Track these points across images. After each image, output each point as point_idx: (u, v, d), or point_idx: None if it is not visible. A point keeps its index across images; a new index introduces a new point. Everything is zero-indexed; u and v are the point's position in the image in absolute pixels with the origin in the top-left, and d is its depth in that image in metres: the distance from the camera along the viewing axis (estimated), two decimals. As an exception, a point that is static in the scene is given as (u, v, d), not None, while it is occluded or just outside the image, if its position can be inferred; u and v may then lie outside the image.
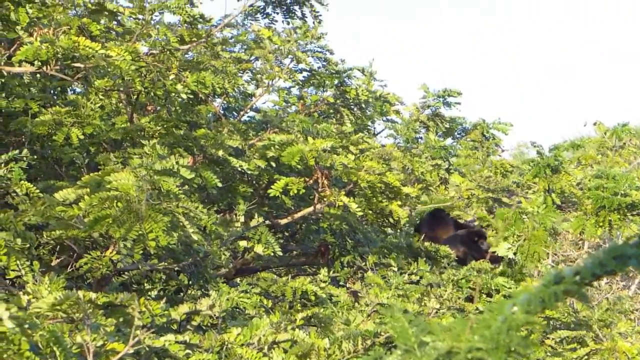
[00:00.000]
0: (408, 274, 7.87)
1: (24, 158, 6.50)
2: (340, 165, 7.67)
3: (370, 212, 8.39)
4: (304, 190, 7.72)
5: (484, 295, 8.42)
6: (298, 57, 8.90)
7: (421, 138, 11.22)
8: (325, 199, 7.93)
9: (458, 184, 9.47)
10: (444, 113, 11.23)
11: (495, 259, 9.70)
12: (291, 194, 7.77)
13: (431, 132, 10.50)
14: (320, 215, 8.70)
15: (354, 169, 7.86)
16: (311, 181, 7.82)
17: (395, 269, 7.98)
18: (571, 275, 2.41)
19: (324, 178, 7.82)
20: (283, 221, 8.60)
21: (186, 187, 5.96)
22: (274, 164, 7.92)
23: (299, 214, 8.54)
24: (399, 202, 8.25)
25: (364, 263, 8.54)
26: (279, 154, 7.66)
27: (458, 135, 11.67)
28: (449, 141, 11.60)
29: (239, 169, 7.74)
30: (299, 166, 7.64)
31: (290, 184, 7.64)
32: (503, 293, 8.60)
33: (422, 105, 11.17)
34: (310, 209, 8.23)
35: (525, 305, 2.40)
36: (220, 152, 7.40)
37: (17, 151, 6.54)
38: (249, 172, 7.79)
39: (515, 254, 9.20)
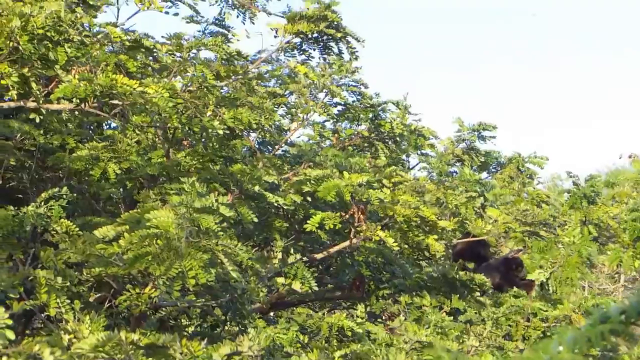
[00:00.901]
0: (445, 311, 7.85)
1: (63, 196, 6.54)
2: (377, 199, 7.64)
3: (407, 246, 8.35)
4: (339, 225, 7.70)
5: (522, 320, 8.39)
6: (333, 91, 8.93)
7: (456, 172, 11.18)
8: (361, 234, 7.90)
9: (495, 219, 9.41)
10: (479, 147, 11.21)
11: (529, 286, 9.67)
12: (327, 228, 7.75)
13: (466, 166, 10.46)
14: (355, 249, 8.68)
15: (390, 203, 7.84)
16: (347, 216, 7.80)
17: (430, 306, 7.95)
18: (617, 314, 2.37)
19: (359, 213, 7.80)
20: (319, 256, 8.58)
21: (224, 224, 5.97)
22: (309, 199, 7.91)
23: (335, 248, 8.52)
24: (435, 236, 8.21)
25: (399, 296, 8.51)
26: (314, 189, 7.65)
27: (493, 170, 11.62)
28: (484, 175, 11.56)
29: (275, 204, 7.74)
30: (334, 199, 7.62)
31: (326, 218, 7.62)
32: (540, 317, 8.58)
33: (457, 138, 11.14)
34: (346, 243, 8.20)
35: (571, 345, 2.36)
36: (257, 188, 7.41)
37: (56, 189, 6.57)
38: (284, 207, 7.78)
39: (547, 279, 9.18)
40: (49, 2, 6.77)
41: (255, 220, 7.21)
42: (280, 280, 7.26)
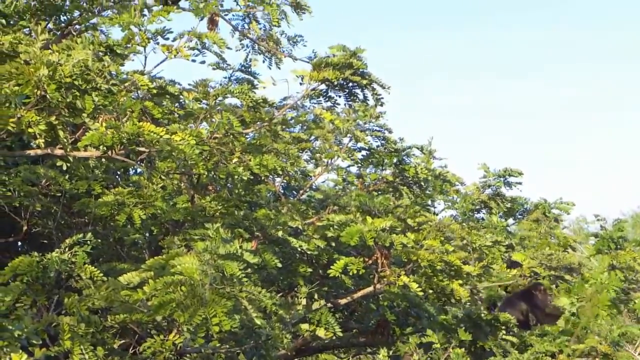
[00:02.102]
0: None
1: (88, 242, 6.56)
2: (400, 244, 7.61)
3: (431, 290, 8.30)
4: (363, 271, 7.67)
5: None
6: (357, 136, 8.94)
7: (483, 218, 11.11)
8: (384, 279, 7.87)
9: (521, 264, 9.36)
10: (504, 193, 11.15)
11: (555, 316, 9.60)
12: (351, 273, 7.72)
13: (494, 214, 10.40)
14: (380, 293, 8.63)
15: (413, 248, 7.80)
16: (370, 261, 7.77)
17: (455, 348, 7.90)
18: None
19: (383, 258, 7.77)
20: (343, 301, 8.54)
21: (248, 270, 5.96)
22: (333, 244, 7.89)
23: (359, 294, 8.49)
24: (460, 281, 8.16)
25: (424, 338, 8.43)
26: (338, 234, 7.64)
27: (520, 216, 11.55)
28: (510, 221, 11.48)
29: (299, 249, 7.73)
30: (357, 244, 7.59)
31: (349, 264, 7.59)
32: (567, 352, 8.51)
33: (483, 184, 11.10)
34: (370, 288, 8.17)
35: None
36: (280, 233, 7.40)
37: (80, 235, 6.60)
38: (308, 252, 7.77)
39: (574, 314, 9.13)
40: (77, 51, 6.84)
41: (279, 265, 7.19)
42: (305, 326, 7.24)
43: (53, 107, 6.75)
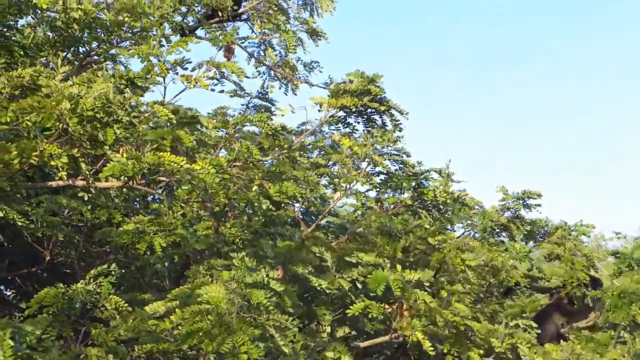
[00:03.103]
0: None
1: (112, 272, 6.60)
2: (423, 302, 7.46)
3: (450, 356, 8.03)
4: (381, 316, 7.54)
5: None
6: (375, 160, 8.95)
7: (503, 241, 11.04)
8: (399, 330, 7.69)
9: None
10: (524, 215, 11.08)
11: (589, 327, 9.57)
12: (370, 317, 7.59)
13: (517, 242, 10.33)
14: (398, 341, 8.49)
15: (439, 305, 7.64)
16: (390, 310, 7.63)
17: None
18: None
19: (403, 309, 7.62)
20: (363, 344, 8.46)
21: (274, 298, 5.98)
22: (359, 285, 7.79)
23: (376, 341, 8.40)
24: (481, 351, 7.92)
25: None
26: (364, 276, 7.54)
27: (540, 239, 11.48)
28: (530, 244, 11.40)
29: (319, 288, 7.65)
30: (381, 293, 7.44)
31: (369, 307, 7.46)
32: None
33: (502, 207, 11.05)
34: (385, 338, 8.04)
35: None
36: (301, 270, 7.37)
37: (105, 266, 6.64)
38: (329, 291, 7.69)
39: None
40: (97, 84, 6.90)
41: (297, 302, 7.15)
42: (330, 354, 7.22)
43: (75, 139, 6.79)
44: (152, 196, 9.77)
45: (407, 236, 9.21)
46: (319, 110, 8.41)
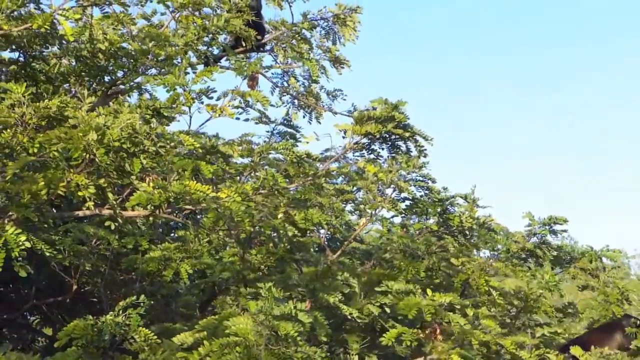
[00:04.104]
0: None
1: (141, 304, 6.60)
2: (457, 324, 7.39)
3: None
4: (416, 343, 7.46)
5: None
6: (400, 186, 8.94)
7: (529, 267, 10.96)
8: (434, 354, 7.63)
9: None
10: (550, 241, 11.00)
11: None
12: (403, 345, 7.52)
13: (546, 271, 10.25)
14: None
15: (469, 325, 7.58)
16: (422, 335, 7.55)
17: None
18: None
19: (438, 333, 7.54)
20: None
21: (302, 329, 5.96)
22: (388, 310, 7.71)
23: None
24: None
25: None
26: (395, 302, 7.49)
27: (566, 264, 11.38)
28: (557, 270, 11.31)
29: (349, 316, 7.61)
30: (414, 317, 7.37)
31: (403, 333, 7.38)
32: None
33: (528, 233, 10.99)
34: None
35: None
36: (332, 299, 7.34)
37: (134, 297, 6.64)
38: (359, 320, 7.63)
39: None
40: (124, 114, 6.94)
41: (329, 331, 7.11)
42: (359, 382, 7.19)
43: (102, 170, 6.83)
44: (176, 223, 9.79)
45: (430, 257, 9.17)
46: (343, 137, 8.43)
